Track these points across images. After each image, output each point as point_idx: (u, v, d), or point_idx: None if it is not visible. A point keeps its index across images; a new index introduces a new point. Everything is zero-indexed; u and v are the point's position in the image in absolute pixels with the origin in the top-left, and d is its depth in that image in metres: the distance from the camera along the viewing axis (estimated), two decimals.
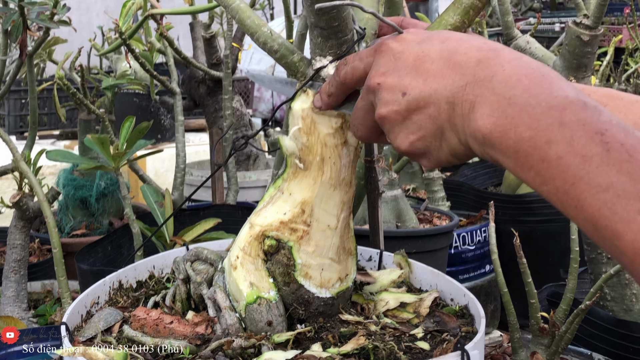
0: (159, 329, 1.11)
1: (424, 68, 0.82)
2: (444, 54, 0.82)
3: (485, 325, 2.62)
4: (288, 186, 1.09)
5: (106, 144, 1.78)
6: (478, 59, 0.79)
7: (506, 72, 0.76)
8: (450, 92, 0.80)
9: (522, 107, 0.73)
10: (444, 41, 0.84)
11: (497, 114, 0.75)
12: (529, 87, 0.74)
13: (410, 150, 0.85)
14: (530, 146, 0.72)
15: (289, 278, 1.09)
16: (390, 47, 0.87)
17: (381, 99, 0.86)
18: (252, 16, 1.08)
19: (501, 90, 0.75)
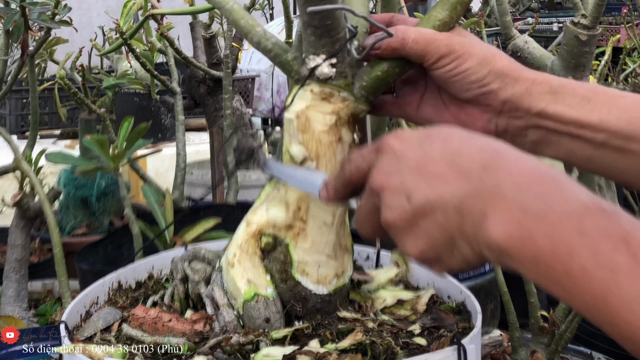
0: (157, 327, 1.12)
1: (427, 170, 0.78)
2: (446, 156, 0.78)
3: (485, 325, 2.64)
4: (284, 184, 1.10)
5: (105, 145, 1.78)
6: (482, 163, 0.75)
7: (515, 178, 0.72)
8: (457, 199, 0.75)
9: (536, 216, 0.69)
10: (445, 141, 0.80)
11: (511, 224, 0.70)
12: (540, 193, 0.70)
13: (420, 258, 0.81)
14: (551, 258, 0.67)
15: (286, 275, 1.09)
16: (392, 147, 0.83)
17: (386, 203, 0.82)
18: (246, 17, 1.09)
19: (512, 198, 0.71)
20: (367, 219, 0.88)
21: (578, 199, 0.69)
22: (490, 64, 1.00)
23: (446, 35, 1.01)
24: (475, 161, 0.76)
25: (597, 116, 0.95)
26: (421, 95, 1.09)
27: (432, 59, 1.01)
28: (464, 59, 1.00)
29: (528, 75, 1.00)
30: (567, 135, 0.97)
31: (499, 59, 1.01)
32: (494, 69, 1.00)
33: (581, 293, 0.65)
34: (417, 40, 1.01)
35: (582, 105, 0.96)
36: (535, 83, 0.99)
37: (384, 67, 1.05)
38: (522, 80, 1.00)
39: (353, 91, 1.06)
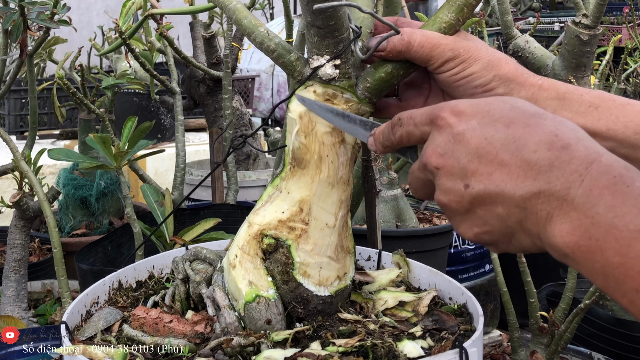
0: (158, 328, 1.12)
1: (488, 159, 0.76)
2: (510, 146, 0.75)
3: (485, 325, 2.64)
4: (286, 185, 1.10)
5: (108, 143, 1.78)
6: (551, 162, 0.72)
7: (585, 184, 0.69)
8: (520, 197, 0.73)
9: (607, 229, 0.66)
10: (509, 125, 0.76)
11: (579, 234, 0.68)
12: (613, 204, 0.67)
13: (475, 240, 0.80)
14: (621, 273, 0.65)
15: (288, 276, 1.09)
16: (449, 124, 0.80)
17: (440, 185, 0.81)
18: (249, 16, 1.08)
19: (582, 207, 0.68)
20: (420, 188, 0.87)
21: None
22: (495, 68, 0.99)
23: (452, 39, 1.01)
24: (543, 157, 0.73)
25: (604, 124, 0.94)
26: (425, 99, 1.08)
27: (437, 63, 1.00)
28: (469, 63, 0.99)
29: (534, 80, 0.99)
30: None
31: (505, 63, 1.00)
32: (499, 73, 0.99)
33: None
34: (422, 44, 1.00)
35: (589, 112, 0.95)
36: (541, 89, 0.98)
37: (388, 69, 1.04)
38: (528, 85, 0.99)
39: (356, 92, 1.06)
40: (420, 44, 1.00)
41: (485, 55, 1.00)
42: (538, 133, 0.74)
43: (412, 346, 1.02)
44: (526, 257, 1.94)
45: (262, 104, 6.82)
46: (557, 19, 7.08)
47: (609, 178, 0.69)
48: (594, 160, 0.71)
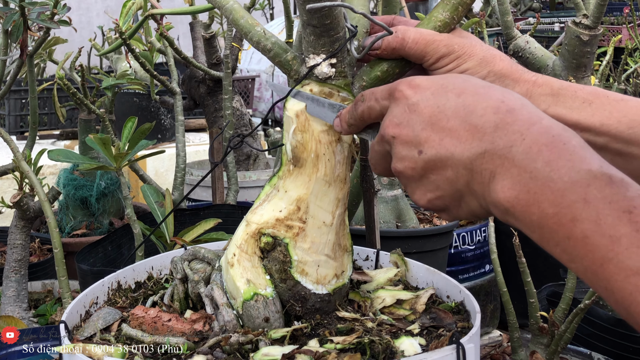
0: (157, 327, 1.12)
1: (440, 126, 0.80)
2: (459, 112, 0.79)
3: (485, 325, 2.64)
4: (283, 184, 1.10)
5: (108, 144, 1.78)
6: (496, 124, 0.76)
7: (526, 142, 0.73)
8: (467, 158, 0.78)
9: (544, 182, 0.71)
10: (460, 95, 0.81)
11: (518, 188, 0.73)
12: (550, 159, 0.71)
13: (428, 207, 0.84)
14: (554, 223, 0.69)
15: (286, 275, 1.09)
16: (405, 96, 0.85)
17: (396, 153, 0.85)
18: (246, 16, 1.09)
19: (522, 163, 0.73)
20: (379, 162, 0.91)
21: (587, 166, 0.70)
22: (490, 64, 1.00)
23: (446, 36, 1.02)
24: (488, 120, 0.77)
25: (598, 119, 0.95)
26: None
27: (432, 59, 1.01)
28: (464, 59, 1.00)
29: (529, 76, 1.00)
30: None
31: (499, 60, 1.01)
32: (494, 69, 1.00)
33: (581, 258, 0.67)
34: (416, 41, 1.01)
35: (583, 108, 0.96)
36: (536, 85, 0.99)
37: (384, 67, 1.05)
38: (523, 81, 0.99)
39: (353, 91, 1.06)
40: (414, 40, 1.01)
41: (480, 51, 1.00)
42: (486, 99, 0.79)
43: (410, 343, 1.03)
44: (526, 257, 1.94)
45: (262, 104, 6.82)
46: (557, 20, 7.09)
47: (547, 137, 0.73)
48: (536, 122, 0.75)
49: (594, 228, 0.66)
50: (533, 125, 0.75)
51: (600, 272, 0.66)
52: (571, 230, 0.68)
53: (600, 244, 0.66)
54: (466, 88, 0.82)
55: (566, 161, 0.71)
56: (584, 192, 0.68)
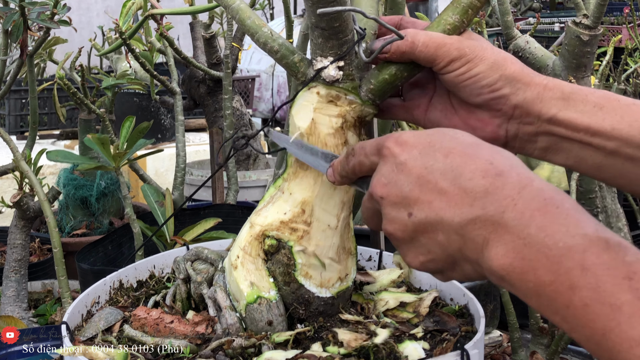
0: (159, 329, 1.12)
1: (429, 187, 0.79)
2: (448, 174, 0.78)
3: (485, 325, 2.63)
4: (288, 186, 1.10)
5: (106, 144, 1.78)
6: (485, 188, 0.75)
7: (518, 207, 0.72)
8: (458, 223, 0.76)
9: (538, 248, 0.69)
10: (447, 155, 0.79)
11: (513, 255, 0.71)
12: (543, 224, 0.70)
13: (422, 269, 0.83)
14: (552, 291, 0.67)
15: (289, 278, 1.09)
16: (393, 154, 0.84)
17: (386, 214, 0.84)
18: (252, 16, 1.08)
19: (515, 229, 0.71)
20: (371, 218, 0.90)
21: (582, 231, 0.68)
22: (501, 68, 0.99)
23: (457, 39, 1.00)
24: (478, 184, 0.76)
25: (609, 124, 0.94)
26: (429, 99, 1.08)
27: (443, 63, 1.00)
28: (475, 63, 0.99)
29: (540, 80, 0.99)
30: (578, 142, 0.96)
31: (511, 63, 1.00)
32: (505, 73, 0.99)
33: (582, 327, 0.65)
34: (427, 44, 0.99)
35: (594, 112, 0.95)
36: (547, 88, 0.98)
37: (392, 71, 1.04)
38: (534, 85, 0.99)
39: (360, 94, 1.05)
40: (424, 44, 0.99)
41: (491, 55, 0.99)
42: (474, 161, 0.78)
43: (414, 347, 1.02)
44: None
45: (262, 105, 6.81)
46: (557, 20, 7.09)
47: (539, 201, 0.72)
48: (526, 185, 0.74)
49: (594, 296, 0.65)
50: (524, 189, 0.74)
51: (603, 342, 0.64)
52: (570, 299, 0.66)
53: (601, 313, 0.64)
54: (454, 148, 0.80)
55: (560, 226, 0.69)
56: (581, 259, 0.66)
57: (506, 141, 1.02)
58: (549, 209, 0.71)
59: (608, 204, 1.90)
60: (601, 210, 1.87)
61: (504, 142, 1.02)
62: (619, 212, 1.93)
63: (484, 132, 1.01)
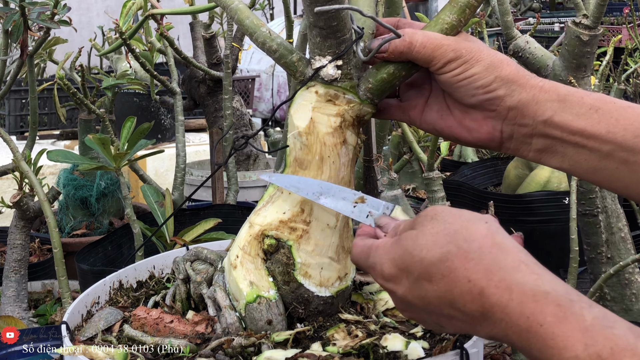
0: (159, 328, 1.12)
1: (438, 313, 0.84)
2: (444, 301, 0.82)
3: None
4: None
5: (107, 144, 1.78)
6: (481, 313, 0.78)
7: (514, 330, 0.75)
8: (485, 336, 0.81)
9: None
10: (430, 281, 0.82)
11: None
12: (539, 347, 0.73)
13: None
14: None
15: (289, 277, 1.09)
16: (390, 290, 0.88)
17: (426, 326, 0.92)
18: (251, 16, 1.08)
19: (524, 349, 0.75)
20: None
21: (572, 353, 0.70)
22: (497, 69, 0.99)
23: (454, 40, 1.01)
24: (473, 310, 0.79)
25: (604, 127, 0.94)
26: (426, 100, 1.08)
27: (439, 64, 1.00)
28: (471, 64, 0.99)
29: (535, 82, 0.99)
30: (573, 145, 0.96)
31: (506, 65, 1.00)
32: (501, 75, 0.99)
33: None
34: (424, 44, 1.00)
35: (589, 115, 0.95)
36: (542, 90, 0.98)
37: (390, 70, 1.04)
38: (529, 87, 0.99)
39: (358, 93, 1.06)
40: (422, 44, 1.00)
41: (487, 56, 1.00)
42: (456, 284, 0.80)
43: (413, 347, 1.02)
44: None
45: (262, 105, 6.82)
46: (557, 20, 7.09)
47: (524, 320, 0.74)
48: (507, 302, 0.76)
49: None
50: (507, 307, 0.76)
51: None
52: None
53: None
54: (430, 271, 0.82)
55: (552, 349, 0.71)
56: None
57: (501, 142, 1.02)
58: (534, 329, 0.73)
59: (608, 204, 1.90)
60: (601, 210, 1.87)
61: (499, 143, 1.02)
62: (619, 212, 1.93)
63: (479, 133, 1.02)
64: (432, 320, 0.86)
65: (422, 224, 0.86)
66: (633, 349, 0.68)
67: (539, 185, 2.96)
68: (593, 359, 0.68)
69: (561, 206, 2.66)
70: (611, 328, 0.70)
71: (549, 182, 2.95)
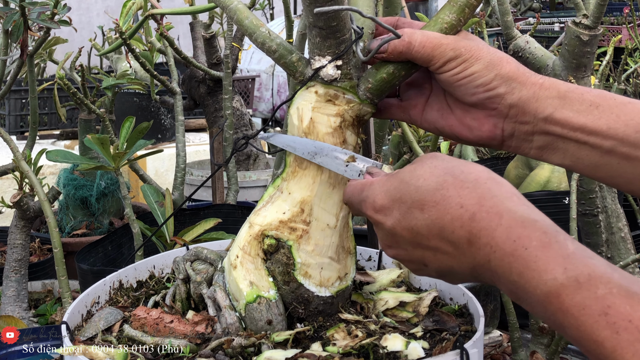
0: (159, 328, 1.12)
1: (425, 245, 0.85)
2: (433, 230, 0.83)
3: (485, 325, 2.63)
4: (287, 185, 1.10)
5: (106, 144, 1.78)
6: (467, 239, 0.80)
7: (497, 255, 0.77)
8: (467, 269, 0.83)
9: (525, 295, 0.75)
10: (422, 209, 0.84)
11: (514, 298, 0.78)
12: (520, 271, 0.75)
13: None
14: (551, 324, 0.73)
15: (289, 277, 1.09)
16: (378, 222, 0.90)
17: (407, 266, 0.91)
18: (250, 17, 1.08)
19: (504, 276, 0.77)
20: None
21: (551, 275, 0.72)
22: (496, 67, 0.99)
23: (453, 39, 1.01)
24: (460, 237, 0.81)
25: (605, 123, 0.94)
26: (426, 99, 1.08)
27: (439, 63, 1.00)
28: (471, 62, 0.99)
29: (535, 79, 0.99)
30: (574, 141, 0.96)
31: (506, 62, 1.00)
32: (501, 72, 0.99)
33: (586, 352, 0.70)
34: (423, 44, 1.00)
35: (590, 111, 0.95)
36: (542, 87, 0.98)
37: (390, 70, 1.04)
38: (530, 84, 0.99)
39: (358, 93, 1.06)
40: (421, 44, 1.00)
41: (487, 54, 1.00)
42: (447, 210, 0.83)
43: (413, 347, 1.02)
44: None
45: (262, 105, 6.82)
46: (557, 20, 7.10)
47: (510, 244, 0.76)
48: (496, 226, 0.78)
49: (579, 334, 0.69)
50: (495, 231, 0.78)
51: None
52: (565, 333, 0.71)
53: (591, 349, 0.68)
54: (423, 199, 0.85)
55: (533, 272, 0.74)
56: (558, 302, 0.71)
57: (502, 140, 1.02)
58: (519, 253, 0.75)
59: (608, 204, 1.90)
60: (601, 210, 1.87)
61: (501, 142, 1.02)
62: (619, 212, 1.93)
63: (480, 132, 1.02)
64: (417, 257, 0.87)
65: (421, 160, 0.90)
66: (609, 277, 0.70)
67: (539, 185, 2.97)
68: (571, 282, 0.71)
69: (561, 206, 2.66)
70: (591, 258, 0.73)
71: (549, 182, 2.95)
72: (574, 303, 0.69)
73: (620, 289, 0.68)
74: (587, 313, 0.68)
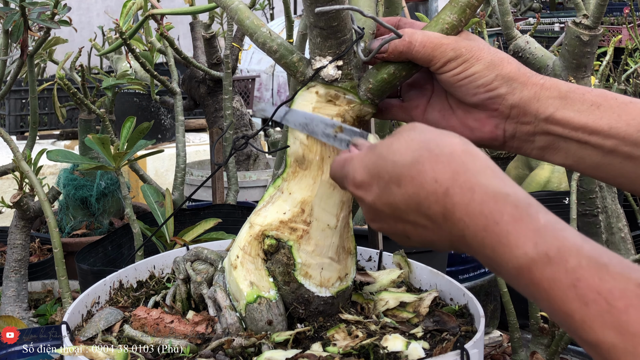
0: (159, 329, 1.12)
1: (405, 219, 0.86)
2: (411, 205, 0.84)
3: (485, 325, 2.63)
4: (288, 186, 1.10)
5: (107, 144, 1.78)
6: (442, 214, 0.81)
7: (470, 230, 0.78)
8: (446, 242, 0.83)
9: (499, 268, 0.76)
10: (399, 184, 0.84)
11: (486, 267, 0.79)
12: (492, 245, 0.75)
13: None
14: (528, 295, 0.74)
15: (289, 277, 1.09)
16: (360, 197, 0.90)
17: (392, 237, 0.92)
18: (251, 17, 1.08)
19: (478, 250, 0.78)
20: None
21: (522, 250, 0.73)
22: (497, 68, 0.99)
23: (453, 39, 1.00)
24: (436, 212, 0.81)
25: (607, 122, 0.94)
26: (428, 100, 1.08)
27: (439, 63, 1.00)
28: (471, 63, 0.99)
29: (536, 79, 0.99)
30: (576, 141, 0.96)
31: (507, 63, 1.00)
32: (502, 73, 0.99)
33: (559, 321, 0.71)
34: (424, 44, 1.00)
35: (591, 111, 0.95)
36: (543, 88, 0.98)
37: (391, 70, 1.04)
38: (531, 84, 0.99)
39: (359, 93, 1.06)
40: (422, 44, 1.00)
41: (488, 54, 1.00)
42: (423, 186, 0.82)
43: (414, 347, 1.02)
44: None
45: (262, 105, 6.82)
46: (557, 20, 7.10)
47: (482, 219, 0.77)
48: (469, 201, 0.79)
49: (550, 306, 0.70)
50: (468, 206, 0.78)
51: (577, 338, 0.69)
52: (538, 304, 0.73)
53: (562, 320, 0.69)
54: (400, 173, 0.84)
55: (504, 247, 0.74)
56: (530, 277, 0.71)
57: (504, 141, 1.02)
58: (490, 227, 0.76)
59: (608, 204, 1.90)
60: (601, 210, 1.87)
61: (502, 142, 1.02)
62: (619, 212, 1.93)
63: (481, 132, 1.02)
64: (399, 230, 0.88)
65: (399, 132, 0.89)
66: (578, 249, 0.70)
67: (539, 185, 2.97)
68: (541, 256, 0.71)
69: (561, 206, 2.66)
70: (562, 230, 0.73)
71: (549, 182, 2.95)
72: (544, 277, 0.70)
73: (589, 260, 0.68)
74: (557, 286, 0.69)
